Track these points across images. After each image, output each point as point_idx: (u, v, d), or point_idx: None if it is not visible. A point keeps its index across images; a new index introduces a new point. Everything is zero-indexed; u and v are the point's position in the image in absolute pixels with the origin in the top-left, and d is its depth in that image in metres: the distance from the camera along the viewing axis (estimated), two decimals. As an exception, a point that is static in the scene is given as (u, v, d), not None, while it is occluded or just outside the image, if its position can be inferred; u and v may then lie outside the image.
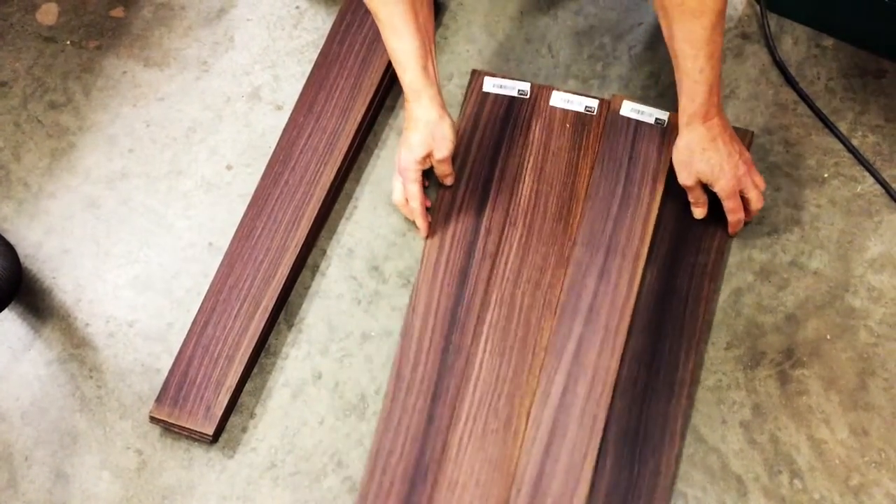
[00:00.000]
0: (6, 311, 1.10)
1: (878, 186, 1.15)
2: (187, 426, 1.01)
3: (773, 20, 1.25)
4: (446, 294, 1.09)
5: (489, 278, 1.10)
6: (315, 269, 1.13)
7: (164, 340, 1.09)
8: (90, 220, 1.16)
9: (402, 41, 1.06)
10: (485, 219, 1.13)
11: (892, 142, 1.18)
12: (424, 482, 1.00)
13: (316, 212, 1.12)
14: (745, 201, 1.08)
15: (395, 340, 1.08)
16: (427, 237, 1.13)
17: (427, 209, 1.12)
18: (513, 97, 1.21)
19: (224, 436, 1.04)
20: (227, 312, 1.07)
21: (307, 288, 1.12)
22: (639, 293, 1.08)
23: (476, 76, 1.23)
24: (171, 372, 1.04)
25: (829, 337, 1.07)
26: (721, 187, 1.06)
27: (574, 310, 1.07)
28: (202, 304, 1.08)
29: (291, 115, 1.18)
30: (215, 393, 1.03)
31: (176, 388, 1.03)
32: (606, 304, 1.07)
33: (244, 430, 1.04)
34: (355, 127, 1.17)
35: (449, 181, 1.15)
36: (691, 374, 1.04)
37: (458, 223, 1.13)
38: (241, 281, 1.08)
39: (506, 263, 1.11)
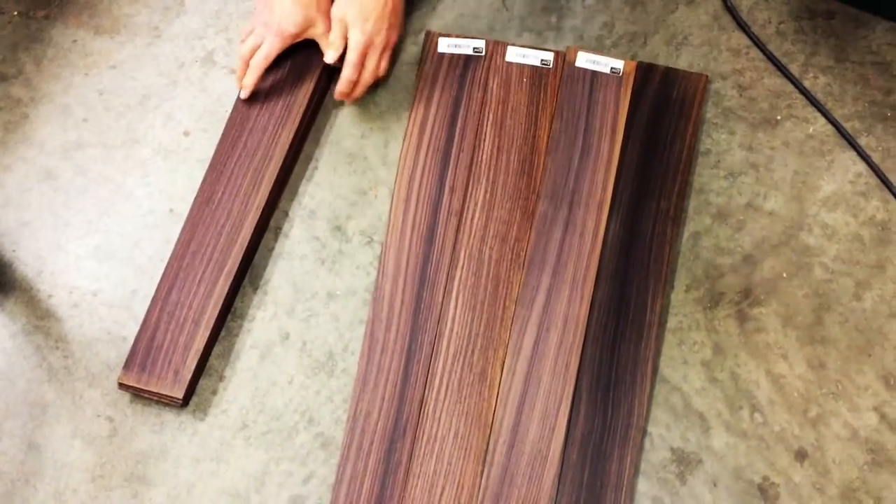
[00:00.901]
0: (-34, 287, 1.09)
1: (829, 126, 1.17)
2: (157, 391, 1.01)
3: (724, -34, 1.26)
4: (414, 254, 1.10)
5: (456, 235, 1.11)
6: (278, 230, 1.13)
7: (129, 308, 1.09)
8: (48, 191, 1.15)
9: None
10: (448, 177, 1.14)
11: (843, 82, 1.20)
12: (403, 439, 1.01)
13: (276, 174, 1.11)
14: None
15: (361, 298, 1.09)
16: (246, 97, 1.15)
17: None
18: (468, 55, 1.21)
19: (194, 399, 1.04)
20: (190, 277, 1.07)
21: (270, 250, 1.12)
22: (604, 241, 1.10)
23: (430, 37, 1.22)
24: (138, 338, 1.04)
25: (785, 275, 1.09)
26: (351, 37, 1.10)
27: (542, 262, 1.09)
28: (165, 270, 1.07)
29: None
30: (183, 357, 1.03)
31: (143, 353, 1.03)
32: (573, 255, 1.09)
33: (214, 392, 1.04)
34: (311, 87, 1.16)
35: (333, 60, 1.14)
36: (659, 316, 1.06)
37: (422, 183, 1.14)
38: (203, 246, 1.08)
39: (472, 220, 1.12)
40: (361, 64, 1.12)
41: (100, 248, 1.12)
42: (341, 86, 1.12)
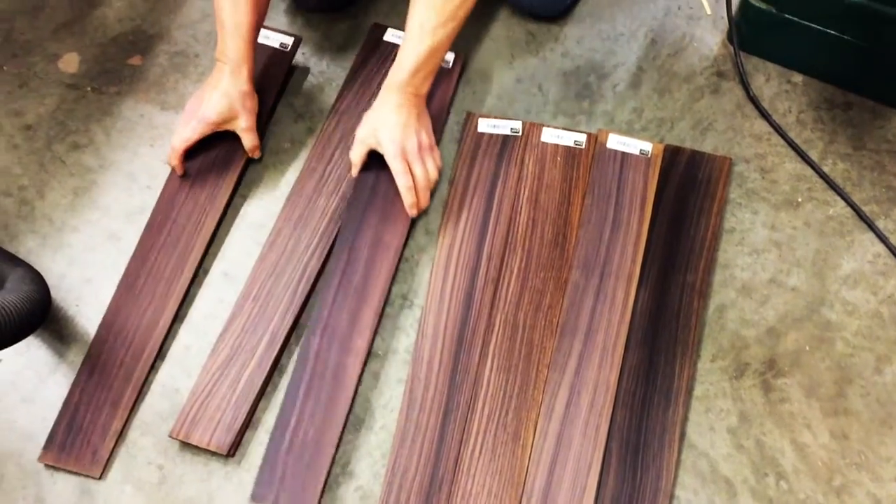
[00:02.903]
0: (32, 337, 1.16)
1: (848, 209, 1.24)
2: (204, 447, 1.07)
3: (746, 59, 1.35)
4: (453, 318, 1.16)
5: (492, 302, 1.17)
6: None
7: (182, 363, 1.15)
8: (111, 251, 1.23)
9: (238, 13, 1.18)
10: (486, 246, 1.21)
11: (861, 168, 1.27)
12: (439, 495, 1.06)
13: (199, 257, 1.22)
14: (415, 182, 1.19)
15: (401, 358, 1.15)
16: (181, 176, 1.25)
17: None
18: (506, 135, 1.30)
19: (240, 450, 1.09)
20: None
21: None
22: (633, 311, 1.15)
23: (471, 118, 1.31)
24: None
25: (808, 348, 1.14)
26: (385, 149, 1.17)
27: (574, 329, 1.14)
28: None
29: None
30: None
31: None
32: (604, 323, 1.15)
33: (261, 444, 1.09)
34: (234, 179, 1.27)
35: (257, 153, 1.26)
36: (686, 384, 1.11)
37: (461, 251, 1.21)
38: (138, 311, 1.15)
39: (507, 287, 1.18)
40: (408, 171, 1.18)
41: (158, 304, 1.19)
42: (404, 198, 1.19)
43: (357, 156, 1.21)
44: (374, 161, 1.21)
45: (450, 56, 1.32)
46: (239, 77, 1.20)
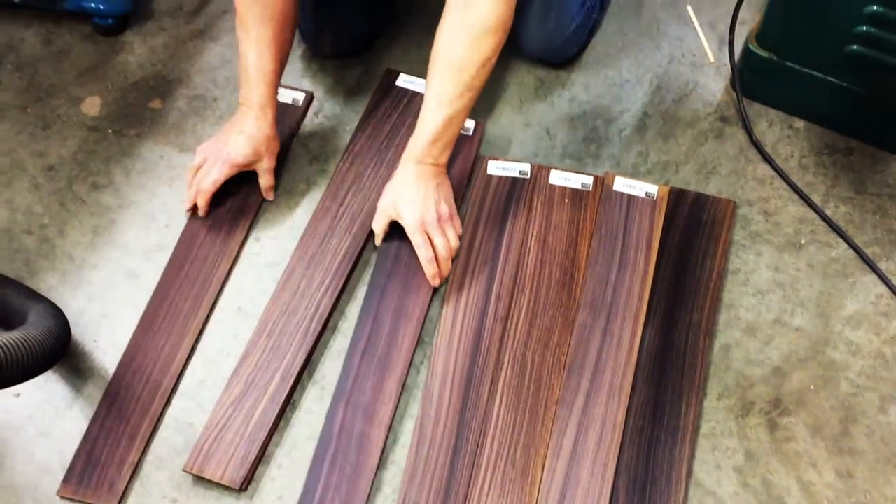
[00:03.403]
0: (50, 372, 1.18)
1: (851, 251, 1.26)
2: (217, 481, 1.09)
3: (749, 105, 1.39)
4: (462, 356, 1.18)
5: (501, 340, 1.19)
6: (335, 329, 1.22)
7: (196, 397, 1.17)
8: (129, 288, 1.26)
9: (263, 60, 1.23)
10: (495, 286, 1.23)
11: (862, 211, 1.30)
12: (448, 531, 1.07)
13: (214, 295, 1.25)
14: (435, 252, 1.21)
15: (411, 395, 1.17)
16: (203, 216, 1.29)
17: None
18: (515, 177, 1.33)
19: (253, 485, 1.11)
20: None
21: (330, 347, 1.21)
22: (640, 350, 1.18)
23: (481, 160, 1.35)
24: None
25: (812, 388, 1.16)
26: (405, 222, 1.20)
27: (581, 367, 1.17)
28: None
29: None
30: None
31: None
32: (611, 361, 1.17)
33: (272, 479, 1.11)
34: (249, 222, 1.31)
35: (271, 195, 1.31)
36: (693, 422, 1.12)
37: (470, 290, 1.23)
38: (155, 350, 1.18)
39: (516, 326, 1.20)
40: (428, 243, 1.21)
41: (174, 340, 1.22)
42: (426, 269, 1.21)
43: (379, 227, 1.24)
44: (396, 230, 1.23)
45: (470, 123, 1.35)
46: (263, 121, 1.24)
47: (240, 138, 1.25)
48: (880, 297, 1.23)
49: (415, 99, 1.39)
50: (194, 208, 1.29)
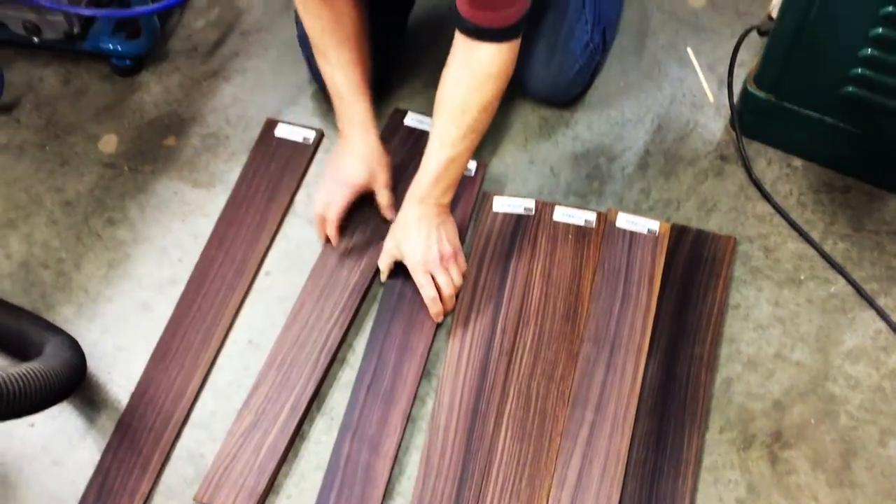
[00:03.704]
0: (64, 403, 1.21)
1: (849, 287, 1.29)
2: (232, 504, 1.11)
3: (748, 144, 1.42)
4: (468, 388, 1.21)
5: (507, 372, 1.22)
6: (343, 361, 1.24)
7: (208, 428, 1.20)
8: (143, 321, 1.29)
9: (350, 79, 1.27)
10: (501, 319, 1.26)
11: (861, 248, 1.33)
12: (453, 561, 1.09)
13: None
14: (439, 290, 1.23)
15: (417, 426, 1.19)
16: (336, 246, 1.31)
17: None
18: (520, 214, 1.36)
19: (264, 516, 1.13)
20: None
21: (337, 378, 1.23)
22: (643, 383, 1.20)
23: (486, 197, 1.38)
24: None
25: (813, 421, 1.18)
26: (408, 262, 1.23)
27: (585, 399, 1.19)
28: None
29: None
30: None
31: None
32: (614, 394, 1.19)
33: (282, 510, 1.13)
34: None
35: (392, 213, 1.31)
36: (695, 455, 1.14)
37: (476, 324, 1.26)
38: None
39: (521, 359, 1.23)
40: (431, 282, 1.23)
41: (186, 372, 1.24)
42: (429, 307, 1.24)
43: (384, 265, 1.27)
44: (402, 268, 1.26)
45: (472, 165, 1.38)
46: (368, 138, 1.28)
47: (352, 161, 1.28)
48: (879, 332, 1.25)
49: (422, 137, 1.42)
50: (328, 238, 1.31)
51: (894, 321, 1.25)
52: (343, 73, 1.27)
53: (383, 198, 1.32)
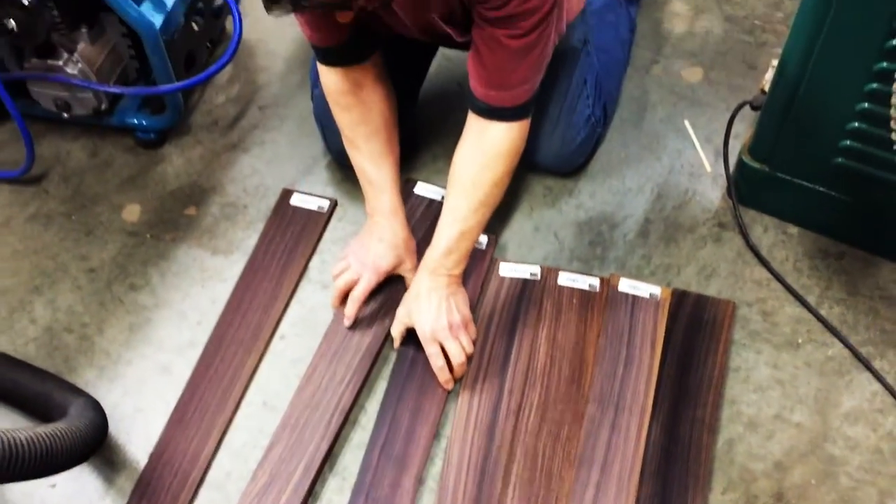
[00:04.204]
0: (84, 463, 1.24)
1: (846, 350, 1.33)
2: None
3: (745, 212, 1.48)
4: (476, 448, 1.24)
5: (514, 433, 1.25)
6: (355, 422, 1.28)
7: (222, 488, 1.23)
8: (162, 383, 1.33)
9: (381, 169, 1.33)
10: (508, 381, 1.30)
11: (856, 312, 1.37)
12: None
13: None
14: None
15: (427, 486, 1.22)
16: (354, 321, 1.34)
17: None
18: (526, 279, 1.42)
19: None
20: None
21: (349, 441, 1.27)
22: (647, 443, 1.23)
23: (493, 262, 1.44)
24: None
25: (813, 482, 1.21)
26: (419, 331, 1.27)
27: (591, 460, 1.22)
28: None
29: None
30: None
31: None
32: (619, 454, 1.22)
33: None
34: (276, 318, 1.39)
35: None
36: (698, 515, 1.17)
37: (484, 385, 1.30)
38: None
39: (528, 419, 1.27)
40: (440, 352, 1.27)
41: (203, 433, 1.28)
42: (438, 376, 1.28)
43: (397, 333, 1.31)
44: (414, 335, 1.30)
45: (483, 238, 1.44)
46: (397, 225, 1.34)
47: (380, 246, 1.33)
48: (875, 394, 1.28)
49: (431, 206, 1.49)
50: (340, 302, 1.36)
51: (890, 384, 1.29)
52: (373, 164, 1.33)
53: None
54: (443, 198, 1.37)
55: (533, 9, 1.11)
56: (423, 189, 1.53)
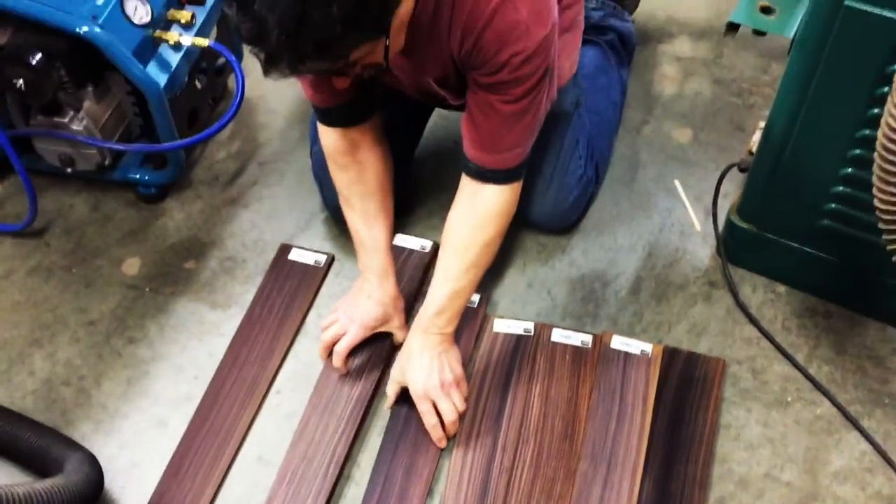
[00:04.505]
0: (79, 518, 1.25)
1: (834, 409, 1.35)
2: None
3: (734, 271, 1.51)
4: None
5: (507, 490, 1.26)
6: (349, 478, 1.29)
7: (218, 544, 1.24)
8: (158, 437, 1.34)
9: (373, 230, 1.36)
10: (501, 437, 1.32)
11: (844, 371, 1.39)
12: None
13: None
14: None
15: (423, 544, 1.23)
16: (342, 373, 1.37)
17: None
18: (519, 335, 1.44)
19: None
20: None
21: (342, 496, 1.27)
22: (639, 500, 1.24)
23: (487, 319, 1.46)
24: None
25: (805, 541, 1.22)
26: (411, 390, 1.29)
27: (583, 516, 1.23)
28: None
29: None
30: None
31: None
32: (610, 512, 1.23)
33: None
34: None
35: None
36: (689, 573, 1.18)
37: (478, 441, 1.31)
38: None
39: (521, 476, 1.28)
40: (433, 410, 1.29)
41: (198, 487, 1.29)
42: (431, 434, 1.30)
43: (391, 392, 1.34)
44: (407, 393, 1.32)
45: (476, 297, 1.46)
46: (386, 285, 1.37)
47: (368, 303, 1.36)
48: (864, 453, 1.30)
49: (411, 256, 1.53)
50: (328, 354, 1.38)
51: (878, 443, 1.31)
52: (366, 225, 1.36)
53: (399, 337, 1.40)
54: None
55: (525, 76, 1.15)
56: (401, 240, 1.55)
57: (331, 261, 1.56)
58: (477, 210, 1.26)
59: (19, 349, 1.46)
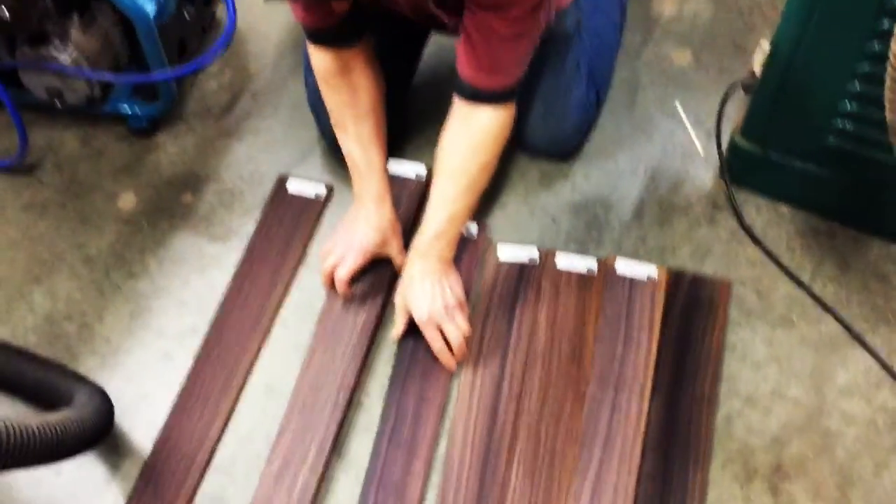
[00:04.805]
0: (89, 451, 1.24)
1: (839, 326, 1.36)
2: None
3: (738, 192, 1.50)
4: (480, 428, 1.25)
5: (516, 414, 1.27)
6: (359, 405, 1.29)
7: (230, 473, 1.24)
8: (164, 369, 1.34)
9: (368, 153, 1.34)
10: (508, 363, 1.32)
11: (848, 289, 1.40)
12: None
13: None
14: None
15: (432, 467, 1.23)
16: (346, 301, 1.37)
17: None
18: (523, 262, 1.43)
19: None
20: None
21: (354, 425, 1.28)
22: (647, 421, 1.25)
23: (490, 247, 1.45)
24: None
25: (811, 455, 1.23)
26: (416, 317, 1.29)
27: (593, 438, 1.24)
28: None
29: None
30: None
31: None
32: (620, 432, 1.24)
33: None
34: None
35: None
36: (700, 489, 1.19)
37: (486, 368, 1.31)
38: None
39: (530, 400, 1.28)
40: (439, 335, 1.29)
41: (208, 419, 1.28)
42: (440, 359, 1.30)
43: (401, 323, 1.32)
44: (412, 322, 1.31)
45: (474, 228, 1.45)
46: (383, 209, 1.35)
47: (366, 228, 1.34)
48: (869, 368, 1.31)
49: (405, 183, 1.52)
50: (330, 283, 1.37)
51: (883, 358, 1.32)
52: (361, 147, 1.34)
53: (399, 262, 1.38)
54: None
55: None
56: (395, 165, 1.52)
57: (330, 191, 1.54)
58: (472, 132, 1.24)
59: (18, 286, 1.44)
